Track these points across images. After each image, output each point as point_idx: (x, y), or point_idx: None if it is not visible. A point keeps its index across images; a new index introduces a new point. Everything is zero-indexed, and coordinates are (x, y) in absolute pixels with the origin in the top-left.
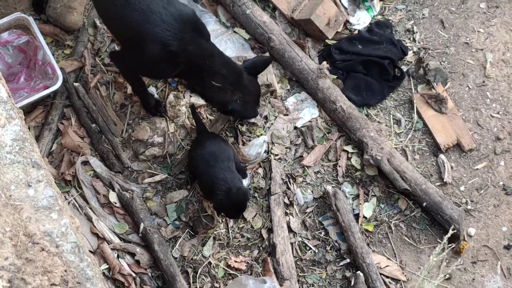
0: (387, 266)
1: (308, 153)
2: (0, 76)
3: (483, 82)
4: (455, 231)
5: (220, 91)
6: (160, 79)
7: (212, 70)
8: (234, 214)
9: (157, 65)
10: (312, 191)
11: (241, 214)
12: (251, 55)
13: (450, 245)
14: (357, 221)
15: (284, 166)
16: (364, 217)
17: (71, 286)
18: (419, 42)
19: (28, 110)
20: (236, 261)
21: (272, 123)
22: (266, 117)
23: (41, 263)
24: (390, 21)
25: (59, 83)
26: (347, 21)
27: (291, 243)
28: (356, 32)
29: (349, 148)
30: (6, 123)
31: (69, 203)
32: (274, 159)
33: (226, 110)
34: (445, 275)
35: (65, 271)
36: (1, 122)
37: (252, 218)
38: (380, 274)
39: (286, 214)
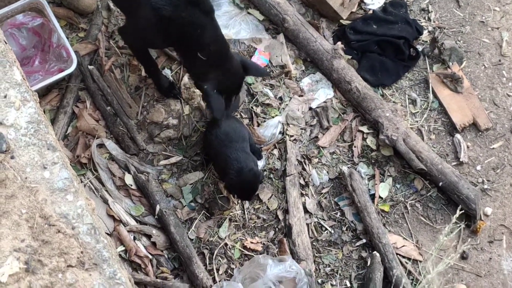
0: (403, 246)
1: (323, 134)
2: (15, 59)
3: (499, 61)
4: (464, 211)
5: (202, 66)
6: (156, 49)
7: (200, 42)
8: (244, 195)
9: (150, 31)
10: (327, 172)
11: (252, 196)
12: (265, 36)
13: (461, 224)
14: (373, 202)
15: (300, 147)
16: (380, 197)
17: (87, 268)
18: (434, 21)
19: (43, 94)
20: (252, 242)
21: (287, 104)
22: (281, 98)
23: (57, 244)
24: (405, 0)
25: (73, 66)
26: (362, 1)
27: (307, 224)
28: (370, 12)
29: (364, 129)
30: (21, 106)
31: (85, 185)
32: (289, 140)
33: (201, 87)
34: (455, 255)
35: (81, 252)
36: (16, 104)
37: (268, 199)
38: (396, 254)
39: (302, 195)
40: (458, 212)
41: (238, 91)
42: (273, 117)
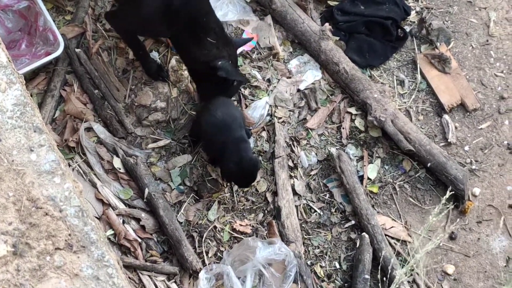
0: (392, 227)
1: (312, 116)
2: (0, 41)
3: (487, 41)
4: (453, 192)
5: (212, 47)
6: (155, 38)
7: (208, 27)
8: (244, 183)
9: (154, 21)
10: (316, 154)
11: (251, 184)
12: (252, 18)
13: (449, 205)
14: (362, 183)
15: (288, 129)
16: (368, 178)
17: (75, 250)
18: (421, 2)
19: (30, 77)
20: (241, 225)
21: (275, 86)
22: (269, 80)
23: (45, 227)
24: None
25: (60, 50)
26: None
27: (296, 206)
28: None
29: (352, 110)
30: (7, 88)
31: (73, 169)
32: (278, 122)
33: (214, 66)
34: (443, 236)
35: (69, 235)
36: (2, 87)
37: (257, 181)
38: (385, 235)
39: (291, 177)
40: (448, 193)
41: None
42: (260, 98)
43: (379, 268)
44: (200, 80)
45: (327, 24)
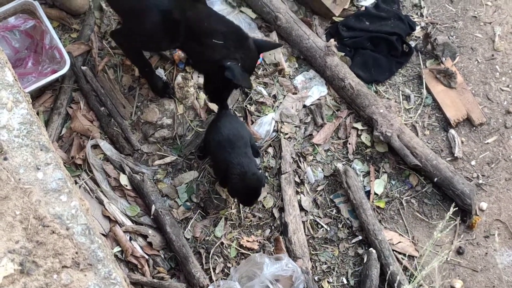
0: (399, 242)
1: (318, 131)
2: (6, 60)
3: (492, 55)
4: (457, 207)
5: (220, 48)
6: (160, 51)
7: (211, 29)
8: (248, 200)
9: (157, 35)
10: (322, 169)
11: (255, 201)
12: (258, 34)
13: (457, 219)
14: (369, 198)
15: (294, 144)
16: (375, 193)
17: (82, 268)
18: (426, 17)
19: (36, 95)
20: (248, 241)
21: (281, 102)
22: (275, 96)
23: (52, 245)
24: None
25: (66, 67)
26: None
27: (303, 222)
28: (363, 8)
29: (358, 125)
30: (13, 107)
31: (80, 187)
32: (284, 138)
33: (222, 65)
34: (450, 251)
35: (76, 253)
36: (8, 106)
37: (263, 197)
38: (393, 250)
39: (297, 192)
40: (451, 209)
41: (253, 70)
42: (266, 115)
43: (387, 283)
44: (212, 86)
45: (332, 40)
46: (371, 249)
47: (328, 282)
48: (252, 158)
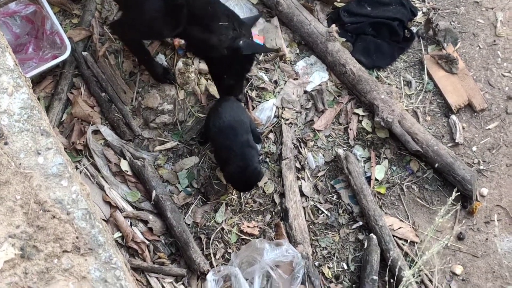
0: (400, 228)
1: (319, 117)
2: (7, 45)
3: (494, 41)
4: (459, 193)
5: (228, 30)
6: (161, 39)
7: (216, 13)
8: (241, 188)
9: (159, 23)
10: (323, 155)
11: (249, 190)
12: (259, 20)
13: (457, 205)
14: (369, 184)
15: (295, 130)
16: (376, 179)
17: (83, 253)
18: (428, 3)
19: (37, 81)
20: (249, 226)
21: (282, 88)
22: (275, 82)
23: (53, 230)
24: None
25: (67, 53)
26: None
27: (304, 207)
28: None
29: (359, 111)
30: (14, 92)
31: (80, 172)
32: (285, 123)
33: (237, 46)
34: (451, 236)
35: (77, 237)
36: (9, 90)
37: (264, 183)
38: (393, 236)
39: (298, 178)
40: (454, 194)
41: None
42: (267, 100)
43: (387, 269)
44: (219, 72)
45: (333, 25)
46: (371, 234)
47: (329, 267)
48: (254, 146)
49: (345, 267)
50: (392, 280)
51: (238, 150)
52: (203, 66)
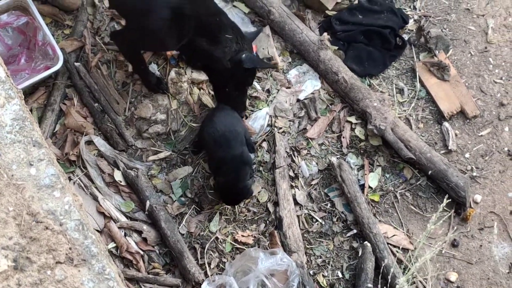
0: (394, 235)
1: (312, 125)
2: None
3: (485, 48)
4: (450, 199)
5: (232, 43)
6: (165, 51)
7: (223, 25)
8: (228, 202)
9: (164, 34)
10: (317, 163)
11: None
12: (251, 29)
13: (451, 212)
14: (363, 192)
15: (288, 139)
16: (369, 187)
17: (76, 264)
18: (419, 10)
19: (29, 92)
20: (243, 236)
21: (274, 97)
22: (268, 91)
23: (46, 241)
24: None
25: (60, 64)
26: None
27: (298, 216)
28: (356, 2)
29: (352, 119)
30: (6, 103)
31: (74, 183)
32: (278, 132)
33: (239, 59)
34: (443, 242)
35: (70, 248)
36: (0, 102)
37: (258, 192)
38: (387, 243)
39: (292, 187)
40: (445, 201)
41: None
42: (260, 109)
43: (381, 276)
44: (222, 85)
45: (325, 33)
46: (365, 242)
47: (323, 276)
48: (247, 160)
49: (340, 275)
50: None
51: (231, 164)
52: (196, 76)
